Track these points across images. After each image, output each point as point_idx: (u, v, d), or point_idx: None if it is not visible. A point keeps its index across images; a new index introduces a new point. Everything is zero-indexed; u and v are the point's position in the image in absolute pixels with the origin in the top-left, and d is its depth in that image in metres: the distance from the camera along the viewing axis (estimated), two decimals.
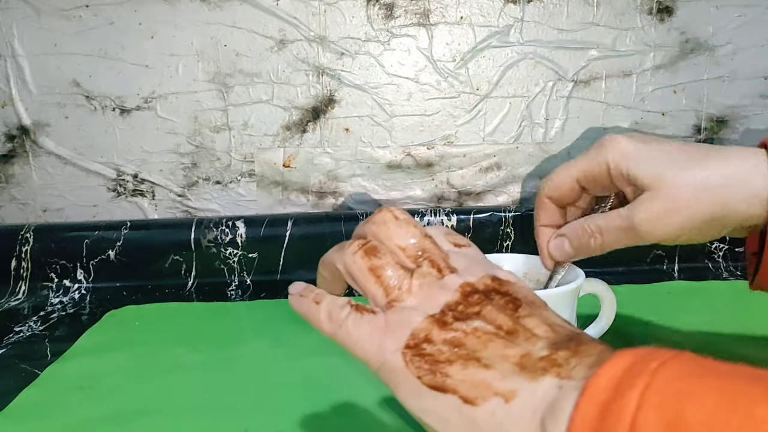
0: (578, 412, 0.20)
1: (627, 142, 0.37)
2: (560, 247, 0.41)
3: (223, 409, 0.45)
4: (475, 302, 0.28)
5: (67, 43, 0.71)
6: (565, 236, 0.41)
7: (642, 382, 0.19)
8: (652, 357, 0.20)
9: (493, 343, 0.26)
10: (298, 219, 0.73)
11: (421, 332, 0.27)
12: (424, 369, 0.26)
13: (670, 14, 0.72)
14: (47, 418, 0.45)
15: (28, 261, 0.72)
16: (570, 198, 0.41)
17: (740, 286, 0.66)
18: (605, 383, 0.20)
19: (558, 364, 0.23)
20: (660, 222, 0.36)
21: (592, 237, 0.39)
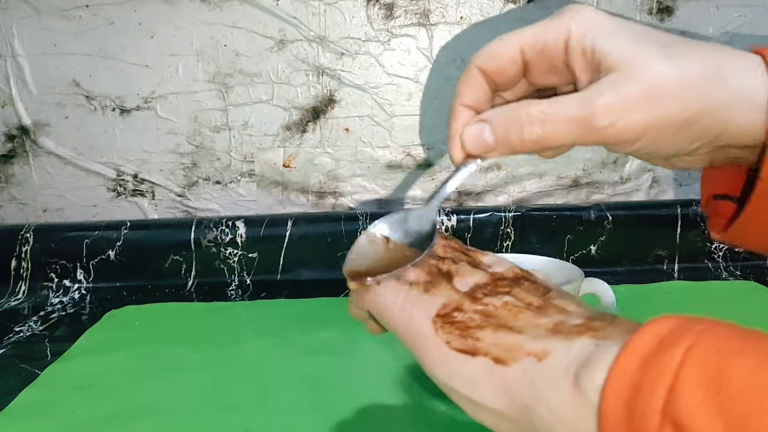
0: (618, 364, 0.20)
1: (597, 13, 0.28)
2: (478, 134, 0.30)
3: (223, 408, 0.45)
4: (504, 285, 0.28)
5: (67, 43, 0.71)
6: (486, 121, 0.30)
7: (687, 341, 0.19)
8: (697, 321, 0.20)
9: (523, 314, 0.26)
10: (298, 219, 0.73)
11: (453, 303, 0.27)
12: (455, 335, 0.25)
13: (670, 14, 0.72)
14: (47, 418, 0.45)
15: (28, 261, 0.72)
16: (506, 74, 0.30)
17: (740, 286, 0.66)
18: (648, 340, 0.20)
19: (594, 329, 0.23)
20: (628, 111, 0.26)
21: (527, 126, 0.28)
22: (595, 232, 0.72)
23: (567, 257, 0.72)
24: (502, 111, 0.29)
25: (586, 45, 0.28)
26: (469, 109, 0.31)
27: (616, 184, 0.76)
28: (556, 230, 0.72)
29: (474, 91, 0.31)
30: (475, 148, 0.30)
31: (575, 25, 0.28)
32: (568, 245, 0.72)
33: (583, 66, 0.28)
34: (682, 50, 0.27)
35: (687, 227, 0.72)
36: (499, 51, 0.30)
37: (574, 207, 0.73)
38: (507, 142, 0.29)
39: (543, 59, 0.29)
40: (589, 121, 0.27)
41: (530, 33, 0.29)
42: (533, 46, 0.29)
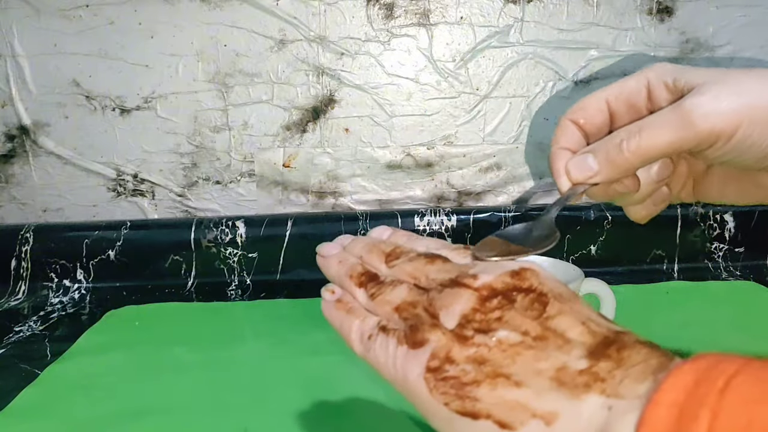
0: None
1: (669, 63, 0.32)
2: (582, 162, 0.32)
3: (223, 408, 0.45)
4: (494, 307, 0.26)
5: (67, 43, 0.71)
6: (589, 151, 0.33)
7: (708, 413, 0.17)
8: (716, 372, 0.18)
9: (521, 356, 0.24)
10: (298, 219, 0.73)
11: (441, 351, 0.25)
12: (451, 394, 0.24)
13: (670, 14, 0.72)
14: (47, 418, 0.45)
15: (28, 261, 0.72)
16: (595, 124, 0.34)
17: (740, 286, 0.66)
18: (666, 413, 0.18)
19: (601, 379, 0.21)
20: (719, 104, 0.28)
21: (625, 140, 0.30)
22: (595, 232, 0.72)
23: (567, 257, 0.72)
24: (603, 139, 0.33)
25: (668, 80, 0.31)
26: (567, 150, 0.34)
27: None
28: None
29: (568, 138, 0.34)
30: (580, 175, 0.33)
31: (652, 71, 0.32)
32: (568, 245, 0.72)
33: (667, 98, 0.31)
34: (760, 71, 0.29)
35: (687, 227, 0.72)
36: (587, 104, 0.34)
37: (573, 207, 0.73)
38: (609, 161, 0.31)
39: (627, 106, 0.33)
40: (683, 118, 0.29)
41: (613, 86, 0.33)
42: (617, 96, 0.33)
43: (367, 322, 0.29)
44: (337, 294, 0.31)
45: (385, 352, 0.27)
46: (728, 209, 0.72)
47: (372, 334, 0.28)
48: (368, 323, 0.29)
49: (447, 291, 0.27)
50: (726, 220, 0.72)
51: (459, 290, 0.27)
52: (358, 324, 0.29)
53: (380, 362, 0.27)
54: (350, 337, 0.29)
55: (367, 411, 0.44)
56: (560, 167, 0.34)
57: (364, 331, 0.28)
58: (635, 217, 0.37)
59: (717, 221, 0.72)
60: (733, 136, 0.29)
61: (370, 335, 0.28)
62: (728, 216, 0.72)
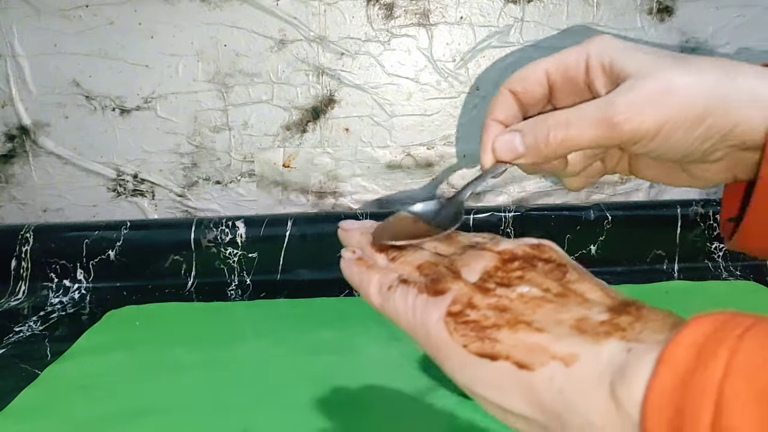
0: (656, 381, 0.19)
1: (613, 38, 0.31)
2: (510, 142, 0.33)
3: (223, 408, 0.45)
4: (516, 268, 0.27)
5: (67, 43, 0.71)
6: (517, 131, 0.33)
7: (726, 351, 0.18)
8: (733, 323, 0.19)
9: (542, 307, 0.24)
10: (298, 219, 0.73)
11: (463, 297, 0.26)
12: (471, 336, 0.24)
13: (670, 14, 0.72)
14: (47, 418, 0.45)
15: (28, 261, 0.72)
16: (534, 94, 0.34)
17: (740, 286, 0.66)
18: (685, 352, 0.19)
19: (622, 328, 0.22)
20: (643, 108, 0.28)
21: (552, 129, 0.31)
22: (595, 232, 0.72)
23: None
24: (531, 120, 0.33)
25: (605, 61, 0.31)
26: (499, 123, 0.35)
27: (616, 184, 0.76)
28: (555, 230, 0.72)
29: (504, 110, 0.35)
30: (506, 155, 0.33)
31: (594, 47, 0.31)
32: (568, 245, 0.72)
33: (602, 81, 0.31)
34: (694, 61, 0.29)
35: (687, 227, 0.72)
36: (527, 74, 0.33)
37: (573, 207, 0.73)
38: (535, 146, 0.32)
39: (566, 80, 0.33)
40: (608, 120, 0.29)
41: (554, 57, 0.33)
42: (557, 69, 0.32)
43: (388, 275, 0.29)
44: (358, 253, 0.32)
45: (404, 300, 0.27)
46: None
47: (392, 285, 0.28)
48: (389, 276, 0.29)
49: (469, 252, 0.29)
50: None
51: (481, 252, 0.28)
52: (377, 277, 0.29)
53: (399, 311, 0.27)
54: (369, 290, 0.29)
55: (367, 411, 0.44)
56: (488, 141, 0.34)
57: (383, 283, 0.29)
58: (570, 187, 0.37)
59: (717, 221, 0.72)
60: (656, 137, 0.29)
61: (390, 286, 0.28)
62: None
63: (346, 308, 0.64)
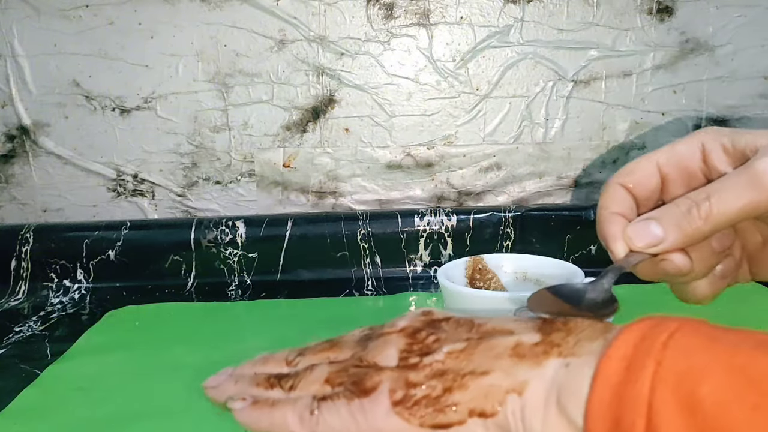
0: (594, 396, 0.20)
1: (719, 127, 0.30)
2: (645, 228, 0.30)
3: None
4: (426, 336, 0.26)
5: (67, 43, 0.71)
6: (653, 218, 0.30)
7: (653, 362, 0.19)
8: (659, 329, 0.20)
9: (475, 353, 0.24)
10: (298, 219, 0.73)
11: (399, 381, 0.25)
12: (430, 413, 0.23)
13: (670, 14, 0.72)
14: (47, 418, 0.44)
15: (28, 261, 0.72)
16: (645, 188, 0.32)
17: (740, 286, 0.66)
18: (616, 365, 0.20)
19: (557, 344, 0.23)
20: None
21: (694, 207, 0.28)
22: (595, 232, 0.72)
23: (567, 257, 0.72)
24: (665, 207, 0.30)
25: (725, 143, 0.29)
26: (619, 215, 0.32)
27: None
28: (556, 230, 0.72)
29: (619, 202, 0.32)
30: (643, 242, 0.30)
31: (707, 134, 0.30)
32: (568, 245, 0.72)
33: (726, 161, 0.29)
34: None
35: None
36: (636, 168, 0.32)
37: (574, 207, 0.73)
38: (678, 228, 0.29)
39: (679, 170, 0.31)
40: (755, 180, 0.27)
41: (664, 150, 0.31)
42: (668, 159, 0.31)
43: (301, 402, 0.26)
44: (249, 399, 0.28)
45: (337, 416, 0.25)
46: None
47: (312, 409, 0.26)
48: (302, 403, 0.26)
49: (372, 343, 0.28)
50: None
51: (384, 338, 0.27)
52: (291, 409, 0.26)
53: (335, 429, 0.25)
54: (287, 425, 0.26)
55: None
56: (616, 232, 0.32)
57: (301, 411, 0.26)
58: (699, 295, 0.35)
59: None
60: None
61: (311, 410, 0.26)
62: None
63: (346, 308, 0.64)
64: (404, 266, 0.73)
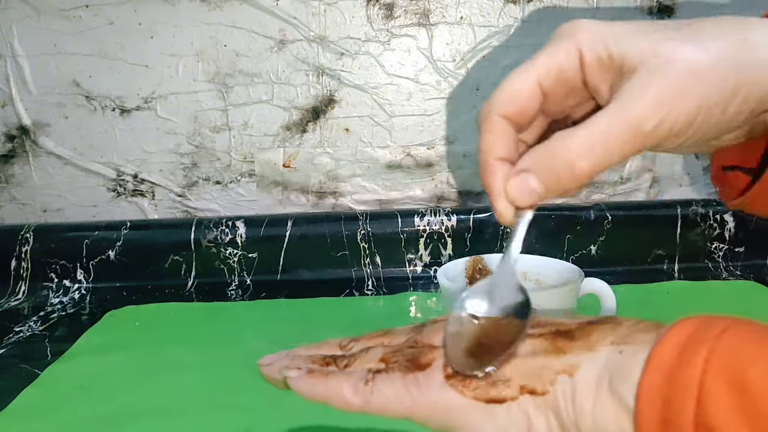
0: (646, 377, 0.21)
1: (597, 23, 0.28)
2: (523, 185, 0.28)
3: (223, 408, 0.45)
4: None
5: (67, 43, 0.71)
6: (529, 171, 0.27)
7: (705, 349, 0.20)
8: (712, 324, 0.21)
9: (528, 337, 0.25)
10: (298, 219, 0.73)
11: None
12: (483, 387, 0.24)
13: (670, 14, 0.72)
14: (47, 418, 0.45)
15: (28, 261, 0.72)
16: (528, 113, 0.28)
17: (740, 286, 0.66)
18: (670, 351, 0.21)
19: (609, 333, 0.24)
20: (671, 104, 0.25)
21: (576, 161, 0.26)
22: (595, 232, 0.72)
23: (567, 257, 0.72)
24: (539, 155, 0.27)
25: (602, 54, 0.27)
26: (502, 162, 0.28)
27: (616, 184, 0.76)
28: (556, 230, 0.72)
29: (502, 142, 0.28)
30: (525, 200, 0.28)
31: (583, 39, 0.27)
32: (568, 245, 0.72)
33: (603, 76, 0.27)
34: (701, 31, 0.26)
35: (687, 227, 0.72)
36: (517, 91, 0.28)
37: (574, 207, 0.73)
38: (558, 183, 0.27)
39: (560, 84, 0.28)
40: (638, 128, 0.25)
41: (542, 63, 0.28)
42: (548, 74, 0.27)
43: (356, 374, 0.27)
44: (305, 369, 0.28)
45: (392, 387, 0.26)
46: (728, 209, 0.72)
47: (367, 379, 0.26)
48: (357, 374, 0.27)
49: (427, 328, 0.28)
50: (726, 219, 0.72)
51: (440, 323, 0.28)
52: (346, 378, 0.27)
53: (389, 399, 0.26)
54: (343, 394, 0.26)
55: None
56: (498, 187, 0.28)
57: (356, 381, 0.26)
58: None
59: (717, 221, 0.72)
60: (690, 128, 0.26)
61: (366, 380, 0.26)
62: (728, 216, 0.72)
63: (346, 308, 0.64)
64: (404, 266, 0.73)
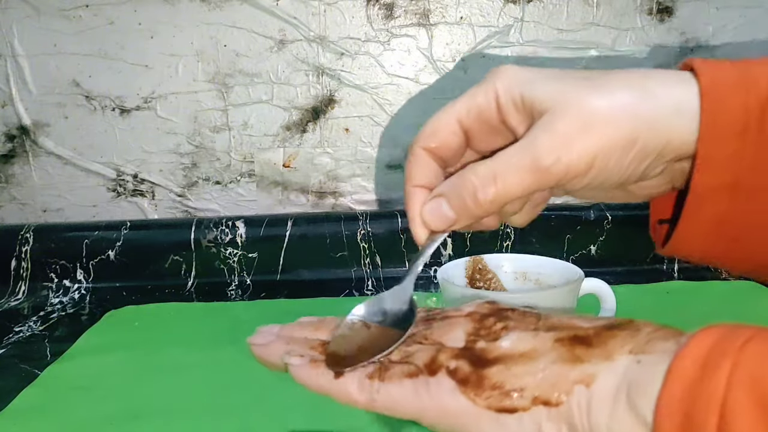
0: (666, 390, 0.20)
1: (518, 69, 0.29)
2: (437, 210, 0.30)
3: (223, 408, 0.45)
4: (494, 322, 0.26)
5: (67, 43, 0.71)
6: (442, 195, 0.30)
7: (728, 362, 0.19)
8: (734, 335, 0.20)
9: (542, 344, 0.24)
10: (298, 219, 0.73)
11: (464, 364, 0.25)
12: (495, 396, 0.23)
13: (670, 14, 0.72)
14: (47, 418, 0.45)
15: (28, 261, 0.72)
16: (450, 146, 0.31)
17: (740, 286, 0.66)
18: (691, 363, 0.20)
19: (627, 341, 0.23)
20: (570, 145, 0.27)
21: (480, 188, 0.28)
22: (595, 232, 0.72)
23: (567, 257, 0.72)
24: (452, 181, 0.30)
25: (515, 97, 0.28)
26: (422, 189, 0.31)
27: None
28: (556, 230, 0.72)
29: (423, 172, 0.31)
30: (437, 225, 0.30)
31: (500, 83, 0.29)
32: (568, 245, 0.72)
33: (518, 118, 0.29)
34: (606, 80, 0.28)
35: None
36: (438, 127, 0.30)
37: (574, 207, 0.73)
38: (466, 210, 0.29)
39: (481, 123, 0.30)
40: (535, 164, 0.27)
41: (462, 102, 0.30)
42: (468, 113, 0.30)
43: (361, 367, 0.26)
44: (307, 358, 0.28)
45: (399, 387, 0.25)
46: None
47: (372, 375, 0.26)
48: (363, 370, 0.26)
49: (438, 323, 0.27)
50: None
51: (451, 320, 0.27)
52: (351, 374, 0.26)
53: (396, 399, 0.25)
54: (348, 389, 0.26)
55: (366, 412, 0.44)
56: (415, 213, 0.31)
57: (361, 377, 0.26)
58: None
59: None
60: (590, 171, 0.27)
61: (371, 376, 0.26)
62: None
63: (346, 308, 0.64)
64: (404, 266, 0.73)
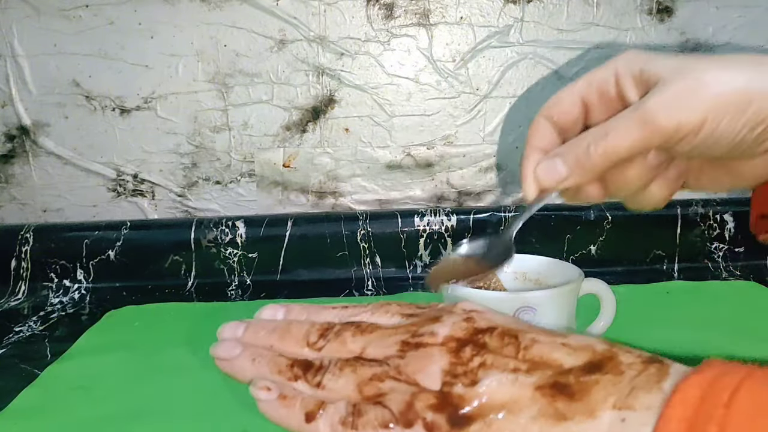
0: None
1: (639, 51, 0.32)
2: (551, 166, 0.33)
3: (223, 408, 0.45)
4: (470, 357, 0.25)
5: (67, 43, 0.71)
6: (558, 155, 0.32)
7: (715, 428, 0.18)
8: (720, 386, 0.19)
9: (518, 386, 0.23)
10: (298, 219, 0.73)
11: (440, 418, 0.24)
12: None
13: (670, 14, 0.72)
14: (47, 418, 0.45)
15: (28, 261, 0.72)
16: (569, 118, 0.34)
17: (740, 286, 0.66)
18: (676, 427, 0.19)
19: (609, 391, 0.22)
20: (681, 101, 0.28)
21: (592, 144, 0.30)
22: (595, 232, 0.72)
23: (567, 257, 0.72)
24: (570, 142, 0.32)
25: (634, 70, 0.31)
26: (539, 150, 0.34)
27: None
28: (556, 230, 0.72)
29: (542, 136, 0.35)
30: (549, 180, 0.33)
31: (621, 61, 0.32)
32: (568, 245, 0.72)
33: (634, 90, 0.31)
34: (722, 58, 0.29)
35: (687, 227, 0.72)
36: (561, 98, 0.35)
37: (574, 207, 0.73)
38: (578, 164, 0.31)
39: (599, 97, 0.33)
40: (644, 117, 0.29)
41: (584, 78, 0.33)
42: (588, 87, 0.33)
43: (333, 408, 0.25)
44: (275, 390, 0.27)
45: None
46: (728, 209, 0.72)
47: (345, 420, 0.25)
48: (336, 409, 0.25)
49: (412, 354, 0.26)
50: (726, 220, 0.72)
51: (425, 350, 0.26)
52: (323, 417, 0.25)
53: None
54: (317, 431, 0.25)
55: None
56: (529, 170, 0.34)
57: (333, 420, 0.25)
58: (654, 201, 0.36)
59: (717, 221, 0.72)
60: (700, 131, 0.28)
61: (343, 421, 0.25)
62: (728, 216, 0.72)
63: None
64: (404, 266, 0.73)
